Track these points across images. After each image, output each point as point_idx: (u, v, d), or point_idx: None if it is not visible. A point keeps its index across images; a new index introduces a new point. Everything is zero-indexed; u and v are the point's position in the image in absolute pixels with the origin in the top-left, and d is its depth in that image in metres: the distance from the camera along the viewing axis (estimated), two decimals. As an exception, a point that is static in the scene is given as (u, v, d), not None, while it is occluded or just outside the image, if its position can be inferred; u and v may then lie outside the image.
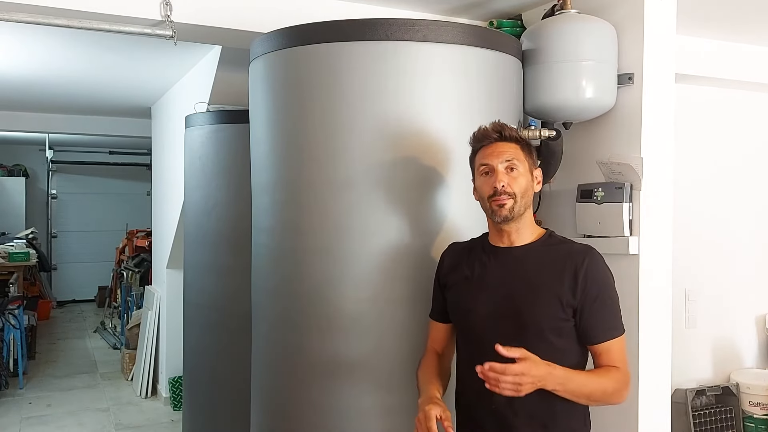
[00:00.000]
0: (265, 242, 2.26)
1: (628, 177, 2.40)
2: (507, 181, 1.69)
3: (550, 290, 1.65)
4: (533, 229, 1.77)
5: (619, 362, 1.66)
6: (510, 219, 1.70)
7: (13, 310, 5.88)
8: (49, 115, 6.79)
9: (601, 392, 1.63)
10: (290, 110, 2.14)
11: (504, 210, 1.69)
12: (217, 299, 3.46)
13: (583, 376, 1.63)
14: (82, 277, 9.79)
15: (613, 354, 1.66)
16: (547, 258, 1.70)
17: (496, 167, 1.70)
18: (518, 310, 1.67)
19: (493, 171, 1.70)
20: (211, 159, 3.46)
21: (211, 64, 3.80)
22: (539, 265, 1.70)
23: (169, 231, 4.98)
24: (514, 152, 1.71)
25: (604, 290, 1.67)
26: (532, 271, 1.70)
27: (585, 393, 1.62)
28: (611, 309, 1.68)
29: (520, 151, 1.72)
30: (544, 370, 1.52)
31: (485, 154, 1.73)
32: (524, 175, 1.71)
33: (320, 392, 2.09)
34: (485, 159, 1.73)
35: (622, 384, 1.66)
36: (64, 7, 2.43)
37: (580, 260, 1.66)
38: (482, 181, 1.74)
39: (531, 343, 1.58)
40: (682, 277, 3.33)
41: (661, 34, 2.41)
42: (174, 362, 4.97)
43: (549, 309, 1.65)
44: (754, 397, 3.65)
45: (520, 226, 1.73)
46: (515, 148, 1.72)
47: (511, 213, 1.69)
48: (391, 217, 2.03)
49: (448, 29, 2.08)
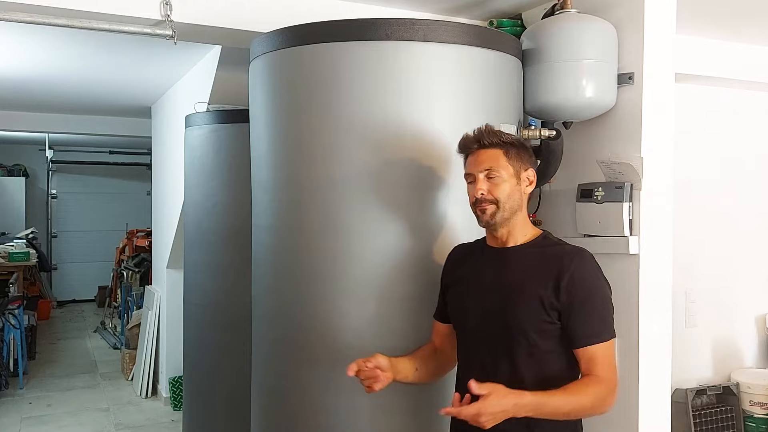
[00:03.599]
0: (266, 241, 2.26)
1: (628, 176, 2.40)
2: (487, 189, 1.70)
3: (533, 291, 1.64)
4: (527, 230, 1.77)
5: (603, 369, 1.60)
6: (492, 224, 1.72)
7: (13, 310, 5.88)
8: (49, 115, 6.79)
9: (579, 409, 1.60)
10: (290, 110, 2.14)
11: (485, 216, 1.71)
12: (218, 299, 3.46)
13: (558, 397, 1.56)
14: (82, 276, 9.79)
15: (597, 360, 1.61)
16: (536, 259, 1.70)
17: (476, 176, 1.72)
18: (503, 311, 1.68)
19: (475, 179, 1.73)
20: (211, 158, 3.46)
21: (211, 63, 3.80)
22: (526, 265, 1.70)
23: (169, 231, 4.98)
24: (494, 159, 1.71)
25: (591, 294, 1.64)
26: (518, 271, 1.70)
27: (563, 413, 1.58)
28: (598, 314, 1.64)
29: (502, 157, 1.71)
30: (508, 404, 1.49)
31: (468, 162, 1.77)
32: (507, 181, 1.70)
33: (320, 392, 2.09)
34: (468, 168, 1.77)
35: (603, 395, 1.59)
36: (64, 7, 2.43)
37: (568, 262, 1.64)
38: (469, 188, 1.77)
39: (516, 342, 1.62)
40: (682, 277, 3.33)
41: (661, 33, 2.41)
42: (174, 362, 4.96)
43: (531, 310, 1.64)
44: (755, 396, 3.65)
45: (511, 228, 1.74)
46: (496, 155, 1.71)
47: (493, 218, 1.70)
48: (390, 217, 2.02)
49: (448, 29, 2.08)
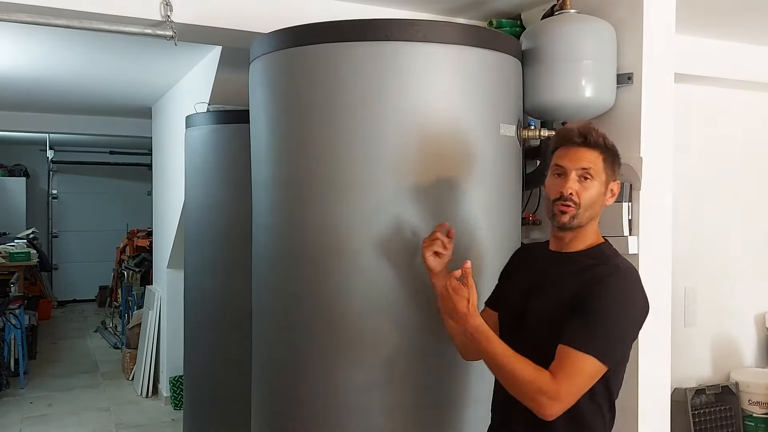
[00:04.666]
0: (266, 241, 2.27)
1: (627, 177, 2.40)
2: (576, 189, 1.62)
3: (563, 301, 1.60)
4: (591, 239, 1.69)
5: (561, 373, 1.50)
6: (568, 228, 1.65)
7: (13, 309, 5.88)
8: (50, 115, 6.79)
9: (512, 374, 1.54)
10: (290, 110, 2.15)
11: (564, 217, 1.63)
12: (218, 298, 3.47)
13: (506, 348, 1.56)
14: (83, 276, 9.78)
15: (564, 364, 1.51)
16: (580, 269, 1.63)
17: (569, 172, 1.63)
18: (529, 312, 1.67)
19: (566, 175, 1.63)
20: (212, 159, 3.47)
21: (212, 64, 3.80)
22: (569, 273, 1.64)
23: (170, 231, 4.99)
24: (593, 161, 1.62)
25: (603, 309, 1.54)
26: (560, 277, 1.66)
27: (497, 362, 1.56)
28: (596, 327, 1.53)
29: (600, 161, 1.63)
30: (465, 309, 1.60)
31: (563, 154, 1.66)
32: (597, 187, 1.63)
33: (321, 391, 2.09)
34: (561, 160, 1.65)
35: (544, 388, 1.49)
36: (63, 7, 2.43)
37: (601, 277, 1.57)
38: (552, 181, 1.67)
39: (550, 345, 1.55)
40: (681, 277, 3.33)
41: (660, 33, 2.42)
42: (175, 362, 4.97)
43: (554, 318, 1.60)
44: (754, 395, 3.66)
45: (578, 235, 1.67)
46: (596, 157, 1.63)
47: (571, 222, 1.63)
48: (390, 216, 2.03)
49: (448, 29, 2.09)
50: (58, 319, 8.70)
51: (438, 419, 2.08)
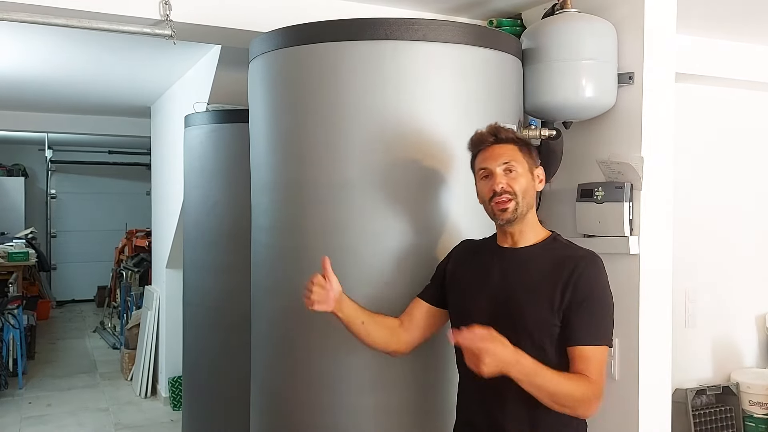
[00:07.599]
0: (265, 241, 2.26)
1: (628, 176, 2.39)
2: (506, 182, 1.70)
3: (544, 294, 1.64)
4: (537, 231, 1.77)
5: (593, 373, 1.59)
6: (513, 220, 1.71)
7: (12, 309, 5.87)
8: (49, 115, 6.78)
9: (565, 395, 1.56)
10: (290, 110, 2.14)
11: (506, 213, 1.70)
12: (217, 299, 3.46)
13: (552, 373, 1.55)
14: (82, 277, 9.78)
15: (590, 363, 1.59)
16: (548, 262, 1.69)
17: (494, 170, 1.72)
18: (514, 313, 1.67)
19: (492, 174, 1.72)
20: (211, 158, 3.46)
21: (211, 63, 3.80)
22: (539, 268, 1.69)
23: (169, 231, 4.98)
24: (511, 154, 1.72)
25: (593, 297, 1.63)
26: (531, 274, 1.70)
27: (549, 391, 1.54)
28: (597, 317, 1.63)
29: (517, 152, 1.73)
30: (511, 355, 1.49)
31: (483, 157, 1.76)
32: (523, 175, 1.72)
33: (320, 391, 2.08)
34: (483, 163, 1.75)
35: (592, 396, 1.57)
36: (63, 7, 2.42)
37: (577, 265, 1.65)
38: (482, 184, 1.76)
39: (523, 345, 1.57)
40: (682, 277, 3.32)
41: (661, 33, 2.41)
42: (173, 362, 4.96)
43: (541, 313, 1.64)
44: (755, 396, 3.65)
45: (524, 227, 1.74)
46: (512, 149, 1.73)
47: (515, 213, 1.70)
48: (390, 217, 2.02)
49: (448, 28, 2.08)
50: (57, 320, 8.69)
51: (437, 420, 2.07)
